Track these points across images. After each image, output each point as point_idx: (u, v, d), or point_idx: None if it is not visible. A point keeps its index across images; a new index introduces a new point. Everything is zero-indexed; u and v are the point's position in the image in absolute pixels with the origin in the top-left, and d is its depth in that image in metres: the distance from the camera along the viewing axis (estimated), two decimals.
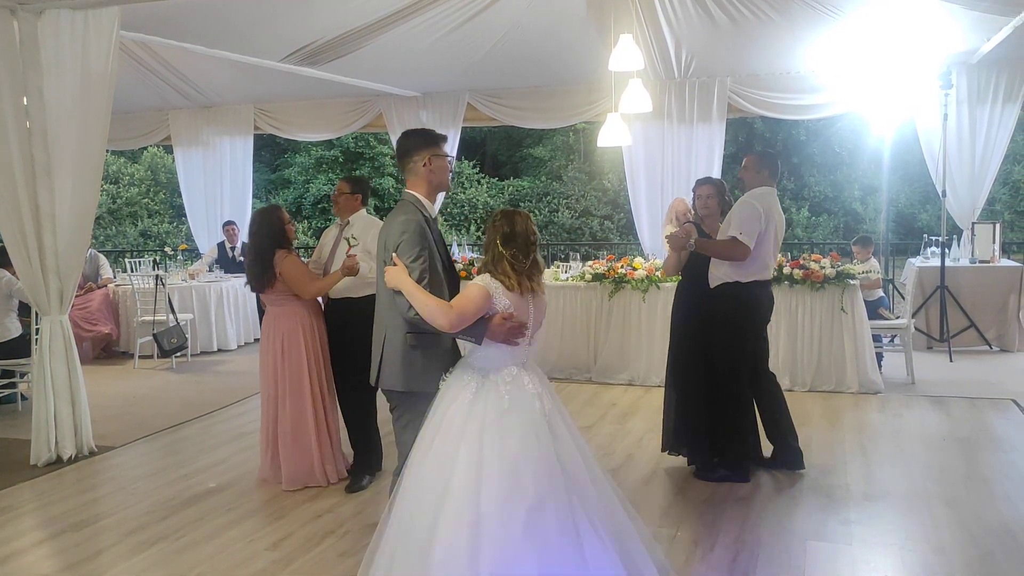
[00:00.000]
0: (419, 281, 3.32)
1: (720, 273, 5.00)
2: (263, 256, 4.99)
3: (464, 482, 3.02)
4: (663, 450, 5.35)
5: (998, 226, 9.08)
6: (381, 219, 4.33)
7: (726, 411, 5.05)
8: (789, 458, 5.19)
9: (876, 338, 7.60)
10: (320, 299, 5.22)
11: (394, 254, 3.39)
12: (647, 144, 9.74)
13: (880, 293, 8.10)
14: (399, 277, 3.34)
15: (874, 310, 7.79)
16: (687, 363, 5.19)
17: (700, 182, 5.45)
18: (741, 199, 5.02)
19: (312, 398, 5.07)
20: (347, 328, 5.01)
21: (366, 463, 5.20)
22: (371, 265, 4.72)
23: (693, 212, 5.53)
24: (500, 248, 3.25)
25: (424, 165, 3.57)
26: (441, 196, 3.52)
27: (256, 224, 5.07)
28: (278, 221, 5.05)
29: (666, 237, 5.34)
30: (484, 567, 2.91)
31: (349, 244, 5.01)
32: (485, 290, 3.22)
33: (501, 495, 2.98)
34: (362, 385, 4.63)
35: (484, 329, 3.20)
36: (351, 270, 4.86)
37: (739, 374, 5.06)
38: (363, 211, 5.22)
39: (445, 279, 3.50)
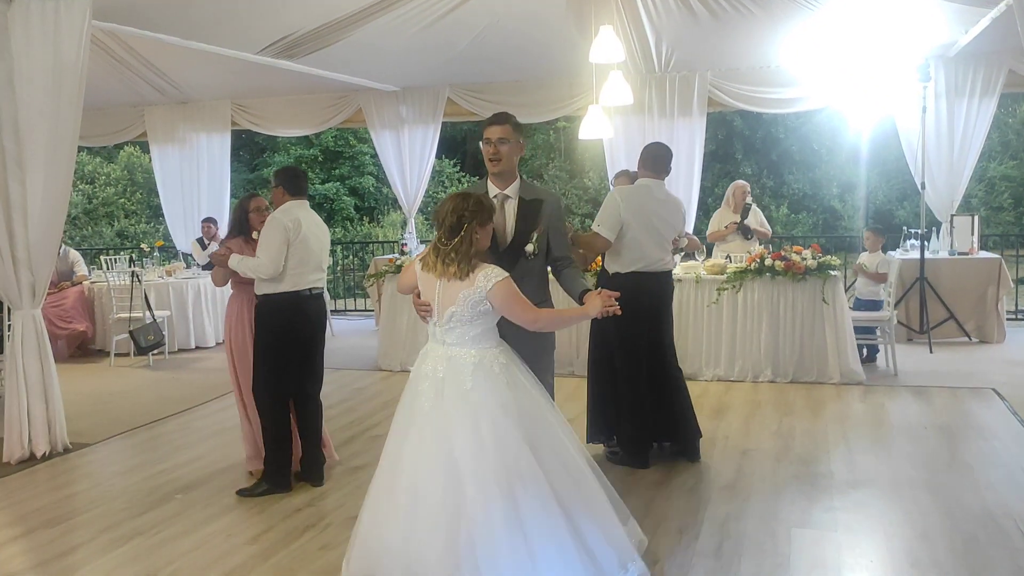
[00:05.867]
0: None
1: (607, 263, 5.17)
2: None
3: None
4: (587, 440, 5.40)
5: (976, 218, 9.14)
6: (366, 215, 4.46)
7: (617, 395, 5.19)
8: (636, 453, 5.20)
9: (869, 331, 7.60)
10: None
11: None
12: (628, 138, 9.73)
13: (882, 297, 7.97)
14: None
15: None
16: (594, 353, 5.34)
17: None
18: (609, 193, 5.23)
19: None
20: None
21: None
22: (253, 262, 4.80)
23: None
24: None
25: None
26: (519, 179, 3.72)
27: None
28: (241, 209, 5.20)
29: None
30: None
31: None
32: (411, 267, 3.44)
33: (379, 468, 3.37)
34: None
35: None
36: (219, 260, 5.03)
37: (620, 359, 5.16)
38: (288, 204, 4.94)
39: (495, 254, 3.59)
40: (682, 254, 5.56)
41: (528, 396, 3.32)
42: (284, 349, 4.85)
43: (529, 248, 3.63)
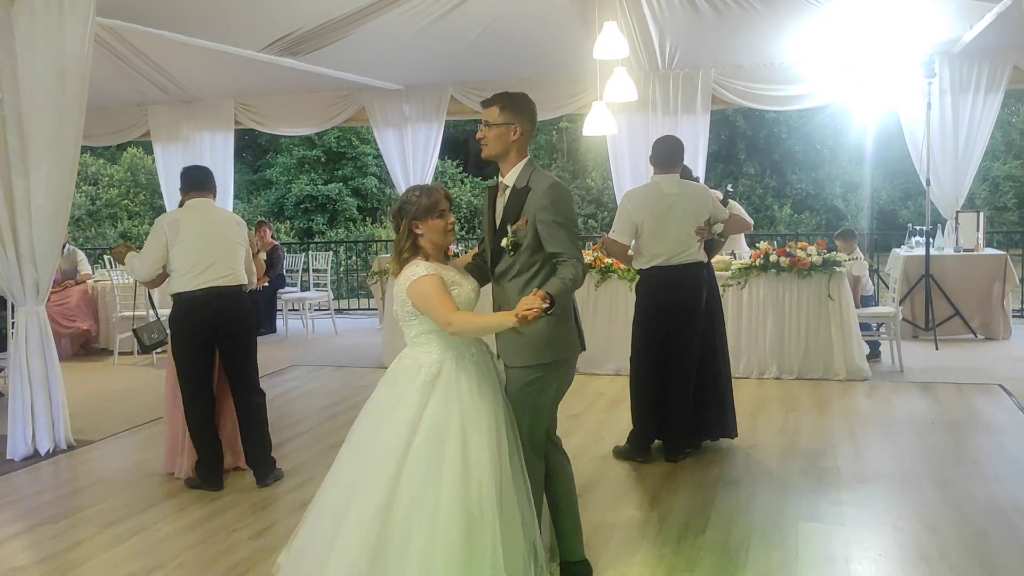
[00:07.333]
0: None
1: (633, 262, 5.27)
2: None
3: None
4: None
5: (982, 215, 9.10)
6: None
7: (633, 390, 5.30)
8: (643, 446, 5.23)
9: (867, 327, 7.57)
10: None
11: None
12: (631, 135, 9.70)
13: (870, 290, 7.94)
14: None
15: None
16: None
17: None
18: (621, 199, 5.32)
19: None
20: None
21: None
22: (139, 264, 4.87)
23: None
24: None
25: None
26: (521, 166, 3.31)
27: None
28: None
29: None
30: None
31: None
32: None
33: None
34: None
35: None
36: (116, 256, 5.14)
37: (639, 355, 5.26)
38: (189, 202, 4.93)
39: (489, 248, 3.47)
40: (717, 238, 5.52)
41: (451, 420, 3.07)
42: (199, 346, 4.81)
43: (504, 243, 3.31)
